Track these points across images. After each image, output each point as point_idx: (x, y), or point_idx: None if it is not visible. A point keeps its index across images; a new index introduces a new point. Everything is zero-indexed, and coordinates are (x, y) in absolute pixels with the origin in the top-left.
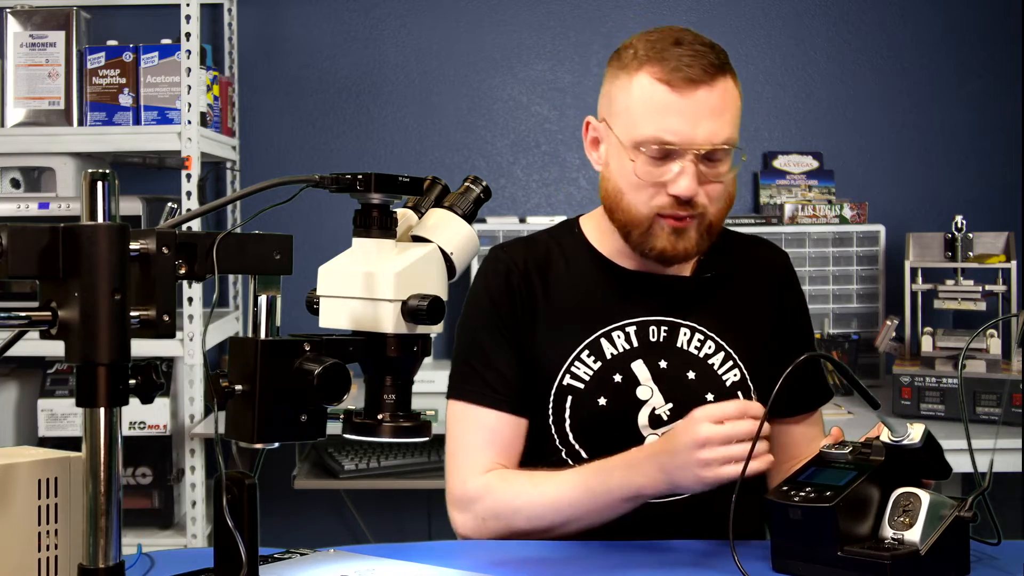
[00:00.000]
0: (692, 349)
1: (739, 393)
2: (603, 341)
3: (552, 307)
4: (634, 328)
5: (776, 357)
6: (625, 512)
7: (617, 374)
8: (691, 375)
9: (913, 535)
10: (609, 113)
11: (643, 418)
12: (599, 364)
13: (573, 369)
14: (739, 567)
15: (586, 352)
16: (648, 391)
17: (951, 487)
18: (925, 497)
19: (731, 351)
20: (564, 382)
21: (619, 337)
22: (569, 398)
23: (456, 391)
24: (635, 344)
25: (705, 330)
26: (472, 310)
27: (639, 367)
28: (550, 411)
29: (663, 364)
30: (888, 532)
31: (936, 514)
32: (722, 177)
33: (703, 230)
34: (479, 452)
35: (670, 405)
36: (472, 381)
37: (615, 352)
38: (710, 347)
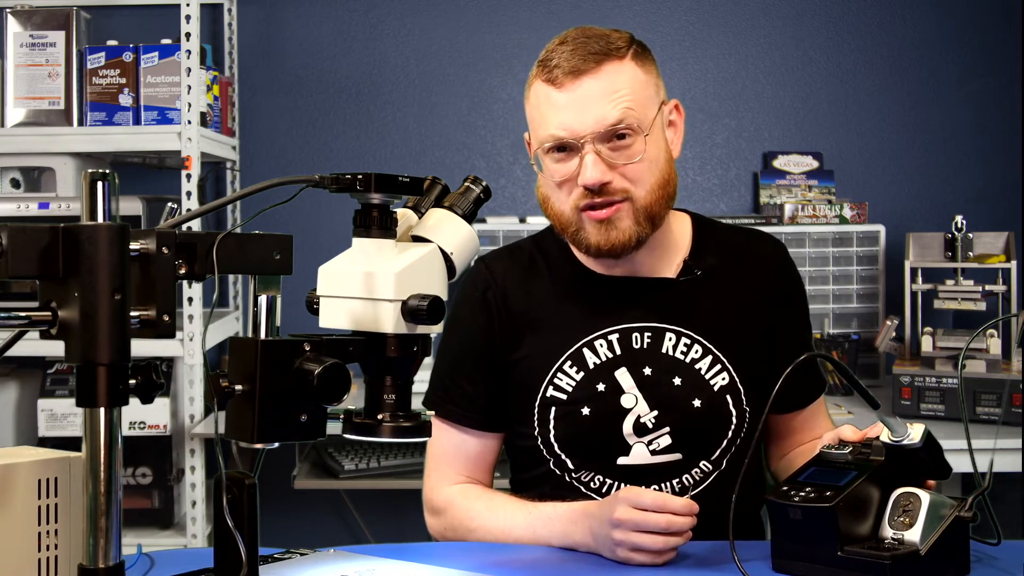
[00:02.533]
0: (678, 355)
1: (728, 397)
2: (585, 351)
3: (534, 319)
4: (616, 336)
5: (771, 353)
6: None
7: (600, 383)
8: (677, 381)
9: (913, 535)
10: (530, 131)
11: (628, 426)
12: (581, 374)
13: (556, 380)
14: (739, 567)
15: (568, 363)
16: (632, 399)
17: (951, 487)
18: (925, 497)
19: (719, 354)
20: (547, 394)
21: (602, 346)
22: (553, 409)
23: (427, 401)
24: (618, 352)
25: (691, 334)
26: (448, 325)
27: (623, 375)
28: (535, 423)
29: (647, 371)
30: (888, 532)
31: (936, 514)
32: (635, 158)
33: (638, 216)
34: (447, 464)
35: (655, 412)
36: (439, 395)
37: (598, 361)
38: (697, 351)
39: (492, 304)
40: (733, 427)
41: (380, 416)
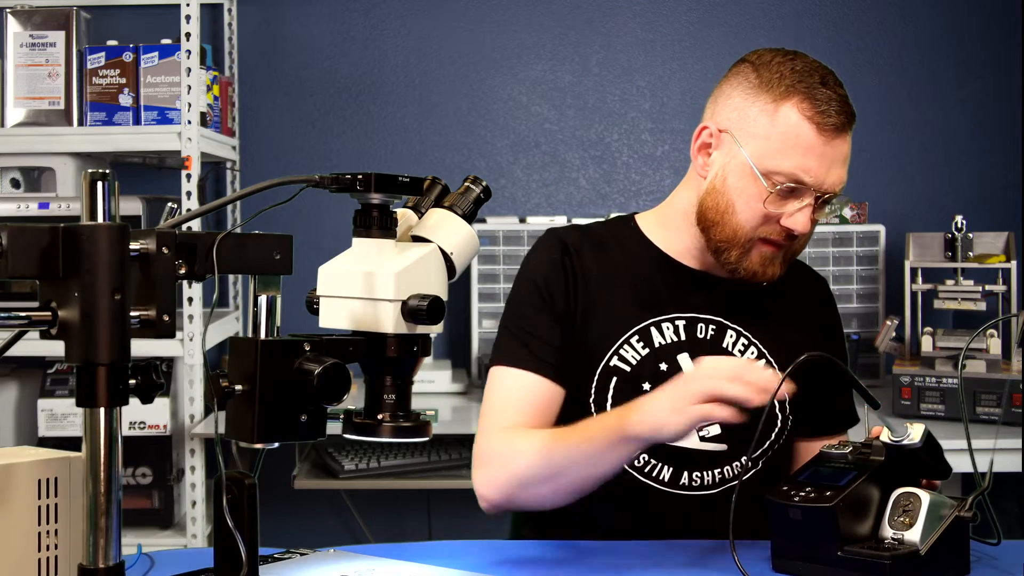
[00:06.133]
0: (736, 352)
1: (776, 402)
2: (653, 329)
3: (605, 288)
4: (684, 322)
5: (811, 376)
6: (619, 459)
7: (663, 363)
8: None
9: (913, 535)
10: (740, 130)
11: None
12: (647, 351)
13: (621, 352)
14: (739, 567)
15: (636, 337)
16: None
17: (951, 487)
18: (925, 497)
19: (771, 360)
20: (611, 363)
21: (668, 328)
22: (614, 379)
23: (498, 357)
24: (683, 337)
25: (750, 336)
26: (521, 283)
27: (684, 360)
28: (593, 390)
29: None
30: (888, 532)
31: (936, 514)
32: (821, 220)
33: (788, 259)
34: (508, 411)
35: None
36: (514, 346)
37: (663, 342)
38: (752, 353)
39: (568, 268)
40: (777, 430)
41: (380, 416)
